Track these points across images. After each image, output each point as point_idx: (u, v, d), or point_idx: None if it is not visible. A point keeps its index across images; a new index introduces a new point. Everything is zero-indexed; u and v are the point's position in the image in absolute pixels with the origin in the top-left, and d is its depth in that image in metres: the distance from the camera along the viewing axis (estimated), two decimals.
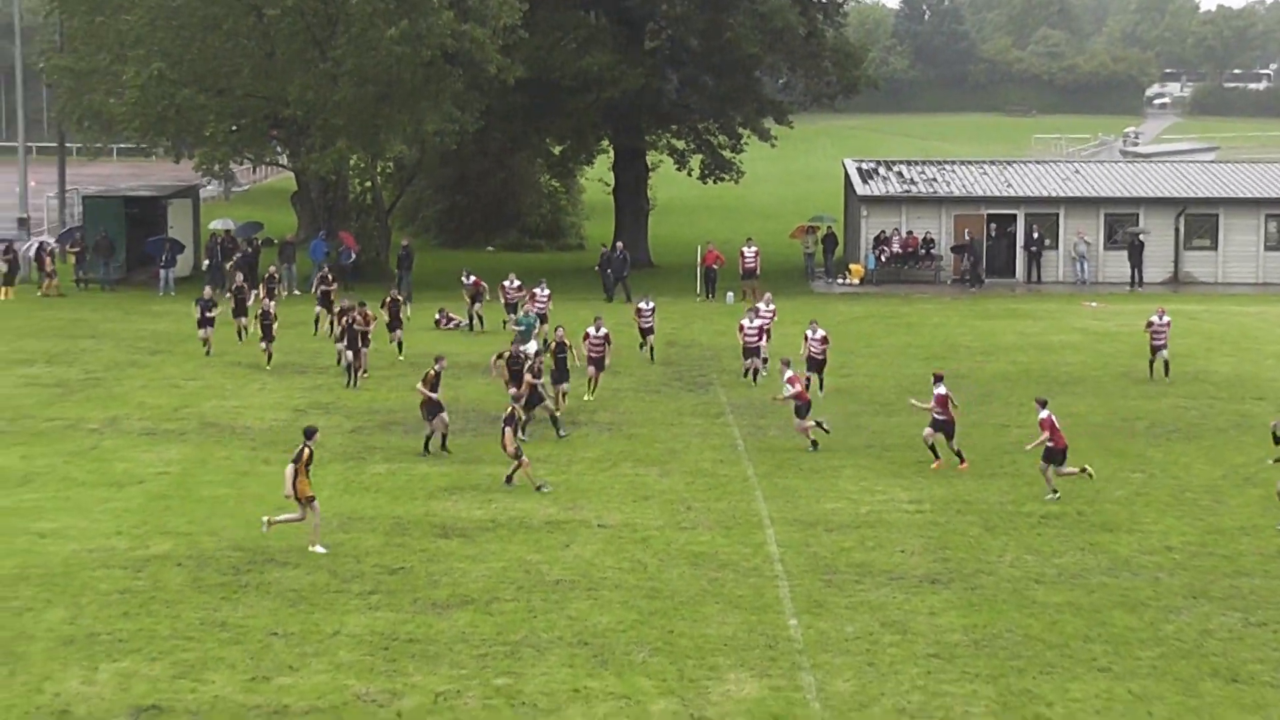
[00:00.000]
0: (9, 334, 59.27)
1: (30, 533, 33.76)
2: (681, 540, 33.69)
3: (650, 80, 79.29)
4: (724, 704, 25.00)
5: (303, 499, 32.50)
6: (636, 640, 27.70)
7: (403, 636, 27.80)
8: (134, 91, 71.52)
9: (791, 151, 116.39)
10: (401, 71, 71.07)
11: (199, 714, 24.44)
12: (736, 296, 69.99)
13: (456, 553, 32.65)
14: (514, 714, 24.58)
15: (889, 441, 42.47)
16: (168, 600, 29.56)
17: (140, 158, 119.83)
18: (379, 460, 40.41)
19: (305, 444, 32.86)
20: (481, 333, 60.29)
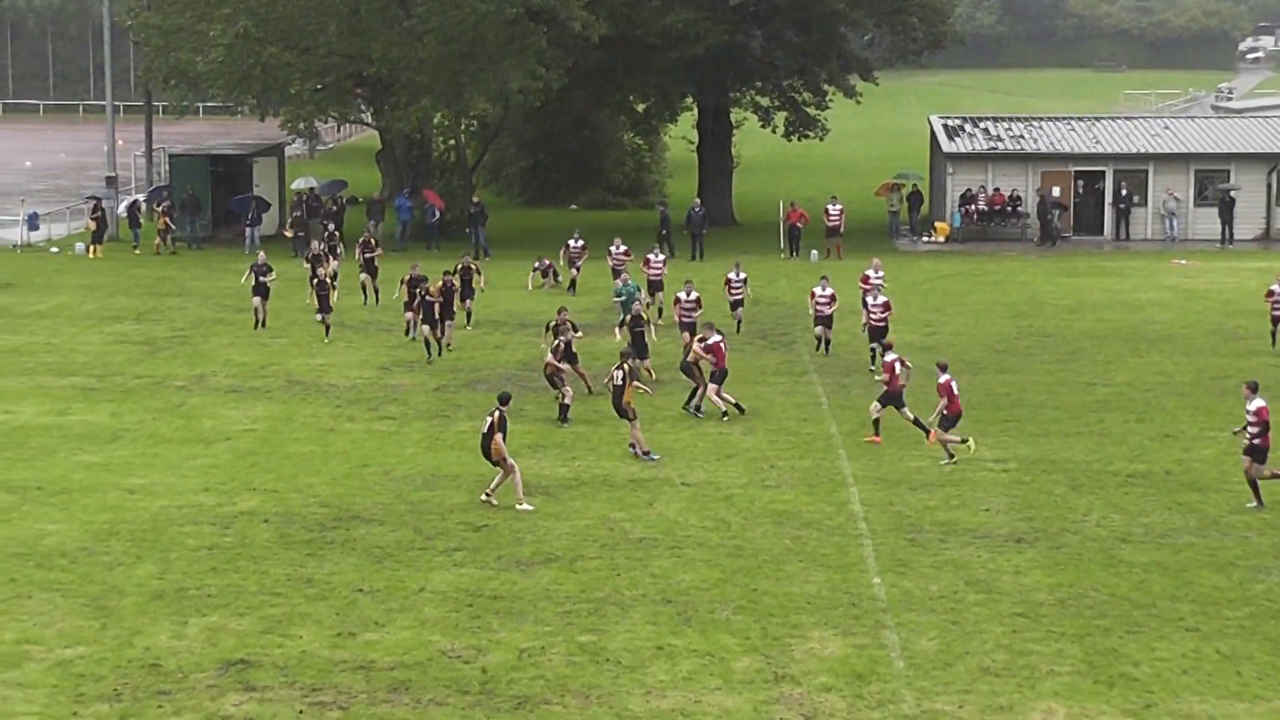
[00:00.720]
0: (98, 291, 59.78)
1: (120, 489, 34.09)
2: (765, 498, 33.67)
3: (735, 36, 78.97)
4: (807, 662, 24.99)
5: (500, 459, 32.73)
6: (720, 598, 27.73)
7: (487, 593, 27.92)
8: (220, 50, 71.83)
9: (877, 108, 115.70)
10: (486, 29, 71.05)
11: (286, 669, 24.63)
12: (820, 254, 69.75)
13: (540, 510, 32.74)
14: (597, 671, 24.65)
15: (973, 400, 42.22)
16: (255, 556, 29.80)
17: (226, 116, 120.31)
18: (463, 418, 40.53)
19: (500, 409, 33.02)
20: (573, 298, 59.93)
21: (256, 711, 23.14)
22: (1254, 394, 32.89)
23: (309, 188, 77.92)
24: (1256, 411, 32.44)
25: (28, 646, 25.38)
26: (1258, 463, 32.55)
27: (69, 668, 24.59)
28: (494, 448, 32.57)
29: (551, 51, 73.03)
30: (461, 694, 23.79)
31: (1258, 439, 32.40)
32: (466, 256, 54.57)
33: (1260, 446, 32.41)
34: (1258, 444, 32.41)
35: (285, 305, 55.58)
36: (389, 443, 38.15)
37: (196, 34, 73.95)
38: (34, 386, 43.99)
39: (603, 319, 52.81)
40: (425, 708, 23.34)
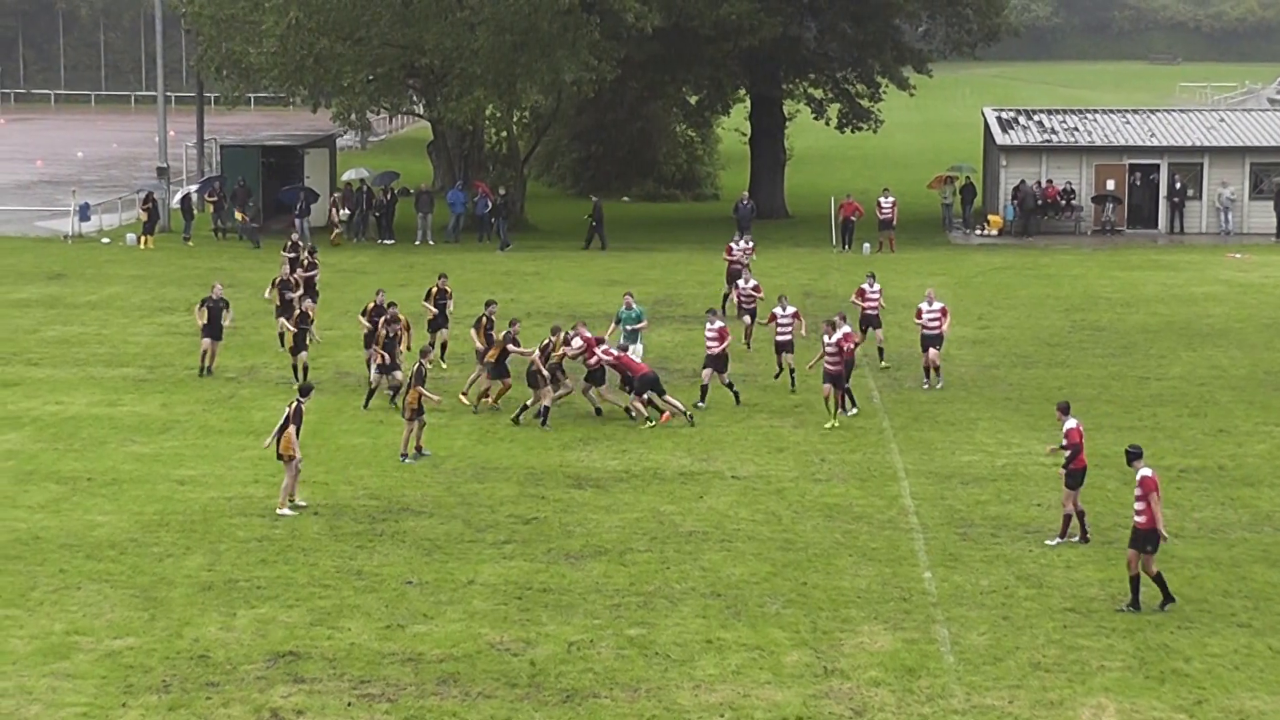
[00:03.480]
0: (150, 282, 59.95)
1: (170, 480, 34.17)
2: (816, 492, 33.56)
3: (788, 28, 78.69)
4: (857, 656, 24.89)
5: (286, 456, 31.91)
6: (770, 592, 27.64)
7: (536, 586, 27.88)
8: (272, 40, 71.96)
9: (930, 100, 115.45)
10: (539, 19, 70.98)
11: (335, 661, 24.63)
12: (873, 247, 69.50)
13: (590, 503, 32.70)
14: (647, 664, 24.59)
15: (1026, 394, 42.04)
16: (304, 548, 29.82)
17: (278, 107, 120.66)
18: (513, 410, 40.46)
19: (299, 400, 32.35)
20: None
21: (305, 703, 23.15)
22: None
23: (360, 179, 78.01)
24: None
25: (77, 637, 25.45)
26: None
27: (118, 659, 24.64)
28: (285, 440, 31.81)
29: (604, 43, 72.90)
30: (510, 687, 23.76)
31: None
32: (442, 277, 48.32)
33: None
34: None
35: (337, 297, 55.61)
36: (439, 435, 38.11)
37: (249, 24, 74.09)
38: (85, 377, 44.13)
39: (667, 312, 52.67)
40: (474, 700, 23.31)
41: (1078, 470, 30.22)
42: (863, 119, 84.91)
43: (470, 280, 60.62)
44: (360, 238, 73.23)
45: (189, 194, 75.53)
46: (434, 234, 73.12)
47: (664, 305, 55.29)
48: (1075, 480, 30.29)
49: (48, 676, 23.98)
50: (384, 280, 59.83)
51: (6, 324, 51.58)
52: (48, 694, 23.40)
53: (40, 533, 30.61)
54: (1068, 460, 30.34)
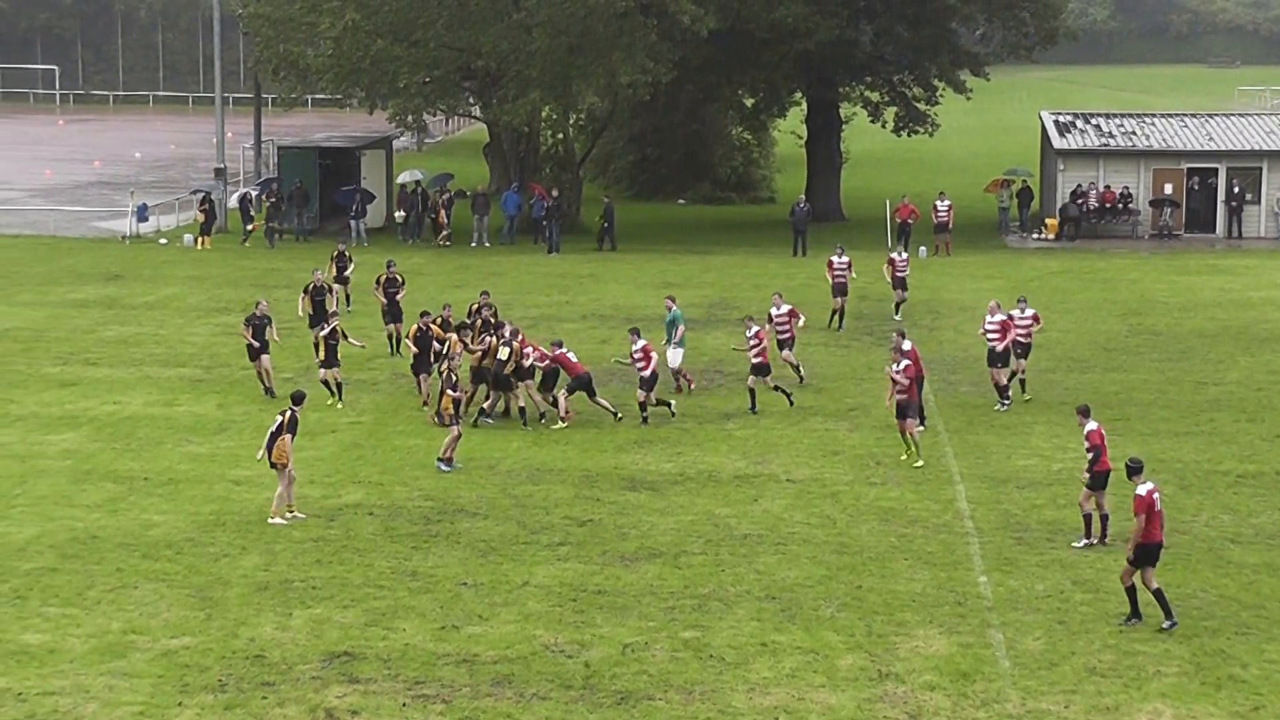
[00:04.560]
0: (206, 283, 60.20)
1: (226, 480, 34.31)
2: (871, 495, 33.48)
3: (845, 31, 78.50)
4: (912, 660, 24.83)
5: (279, 464, 31.71)
6: (824, 595, 27.60)
7: (591, 588, 27.89)
8: (330, 42, 72.14)
9: (987, 103, 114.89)
10: (595, 22, 70.99)
11: (390, 661, 24.68)
12: (929, 251, 69.28)
13: (645, 505, 32.69)
14: (701, 666, 24.57)
15: (1083, 398, 41.63)
16: (359, 549, 29.90)
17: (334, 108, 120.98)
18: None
19: (292, 408, 32.12)
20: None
21: (360, 704, 23.21)
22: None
23: (415, 181, 78.16)
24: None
25: (134, 636, 25.58)
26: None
27: (174, 658, 24.75)
28: (278, 449, 31.54)
29: (660, 45, 72.84)
30: (564, 688, 23.77)
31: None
32: (390, 264, 48.81)
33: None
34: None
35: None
36: (494, 436, 38.17)
37: (306, 25, 74.32)
38: (142, 377, 44.34)
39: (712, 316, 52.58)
40: (528, 702, 23.33)
41: (1101, 472, 30.12)
42: (919, 122, 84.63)
43: (524, 282, 60.75)
44: (415, 239, 73.36)
45: (246, 194, 75.77)
46: (490, 236, 73.20)
47: (719, 309, 55.24)
48: (1099, 482, 30.19)
49: (105, 675, 24.11)
50: (439, 282, 60.05)
51: (65, 324, 51.89)
52: (105, 692, 23.53)
53: (98, 532, 30.79)
54: (1091, 463, 30.23)
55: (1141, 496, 26.34)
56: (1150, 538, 26.22)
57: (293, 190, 74.76)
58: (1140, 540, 26.21)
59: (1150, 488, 26.48)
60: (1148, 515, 26.21)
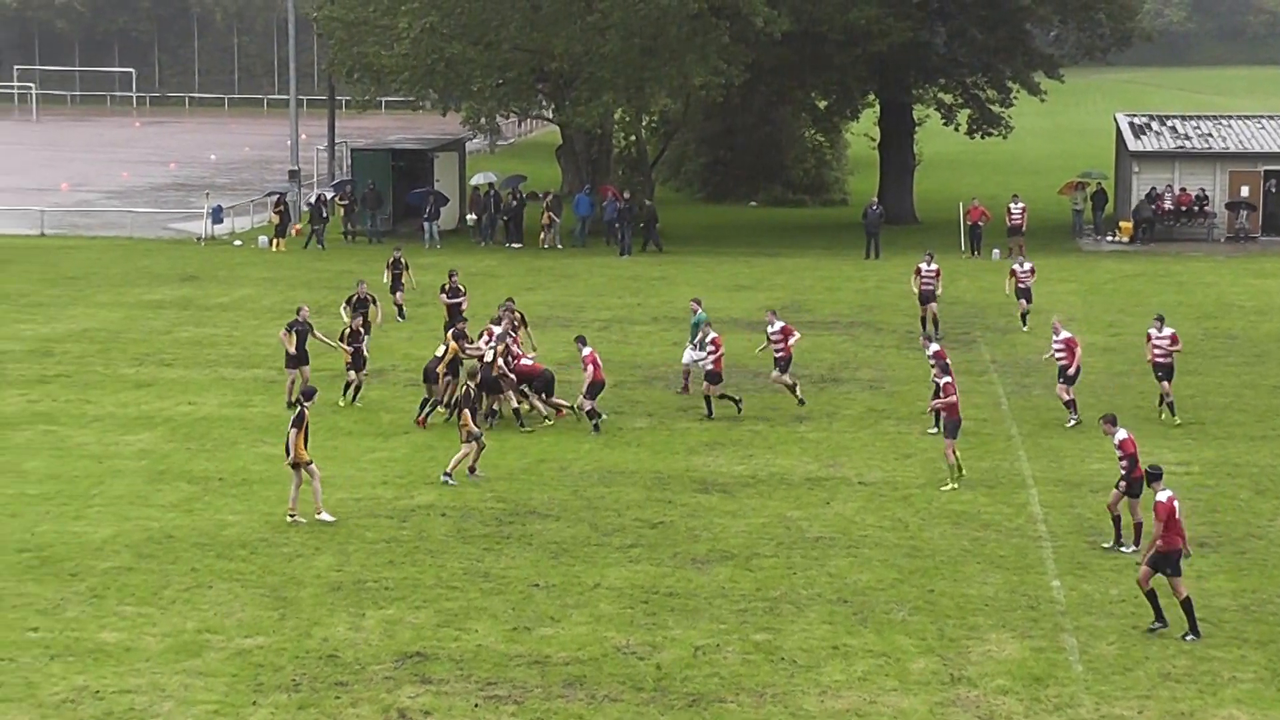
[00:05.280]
0: (280, 285, 60.50)
1: None
2: (943, 499, 33.37)
3: (918, 33, 78.30)
4: (984, 664, 24.74)
5: (300, 464, 31.83)
6: (896, 598, 27.53)
7: (663, 590, 27.90)
8: (405, 44, 72.39)
9: (1061, 105, 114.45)
10: (668, 24, 71.04)
11: (462, 662, 24.75)
12: (1002, 253, 69.00)
13: (717, 508, 32.69)
14: (773, 669, 24.55)
15: (1157, 403, 41.55)
16: (432, 550, 29.99)
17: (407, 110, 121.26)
18: (640, 414, 40.56)
19: (303, 406, 32.23)
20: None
21: (432, 704, 23.29)
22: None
23: (488, 183, 78.37)
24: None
25: (208, 635, 25.73)
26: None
27: (248, 657, 24.89)
28: (294, 449, 31.63)
29: (733, 47, 72.80)
30: (636, 690, 23.79)
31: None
32: (361, 284, 46.70)
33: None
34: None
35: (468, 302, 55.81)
36: (565, 438, 38.24)
37: (380, 28, 74.64)
38: (216, 378, 44.61)
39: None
40: (599, 704, 23.36)
41: (1137, 479, 29.81)
42: (993, 124, 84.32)
43: (596, 285, 60.85)
44: (488, 241, 73.55)
45: (321, 196, 76.16)
46: (562, 238, 73.31)
47: (790, 311, 55.09)
48: (1137, 489, 29.90)
49: (180, 674, 24.26)
50: (511, 284, 60.17)
51: (141, 325, 52.26)
52: (180, 691, 23.68)
53: (173, 532, 30.99)
54: (1127, 471, 29.96)
55: (1162, 503, 26.12)
56: (1170, 545, 26.01)
57: (366, 192, 75.07)
58: (1161, 548, 25.99)
59: (1170, 495, 26.25)
60: (1167, 522, 25.98)
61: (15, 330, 51.20)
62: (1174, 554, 26.05)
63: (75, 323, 52.57)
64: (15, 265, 65.00)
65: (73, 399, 42.13)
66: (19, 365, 46.06)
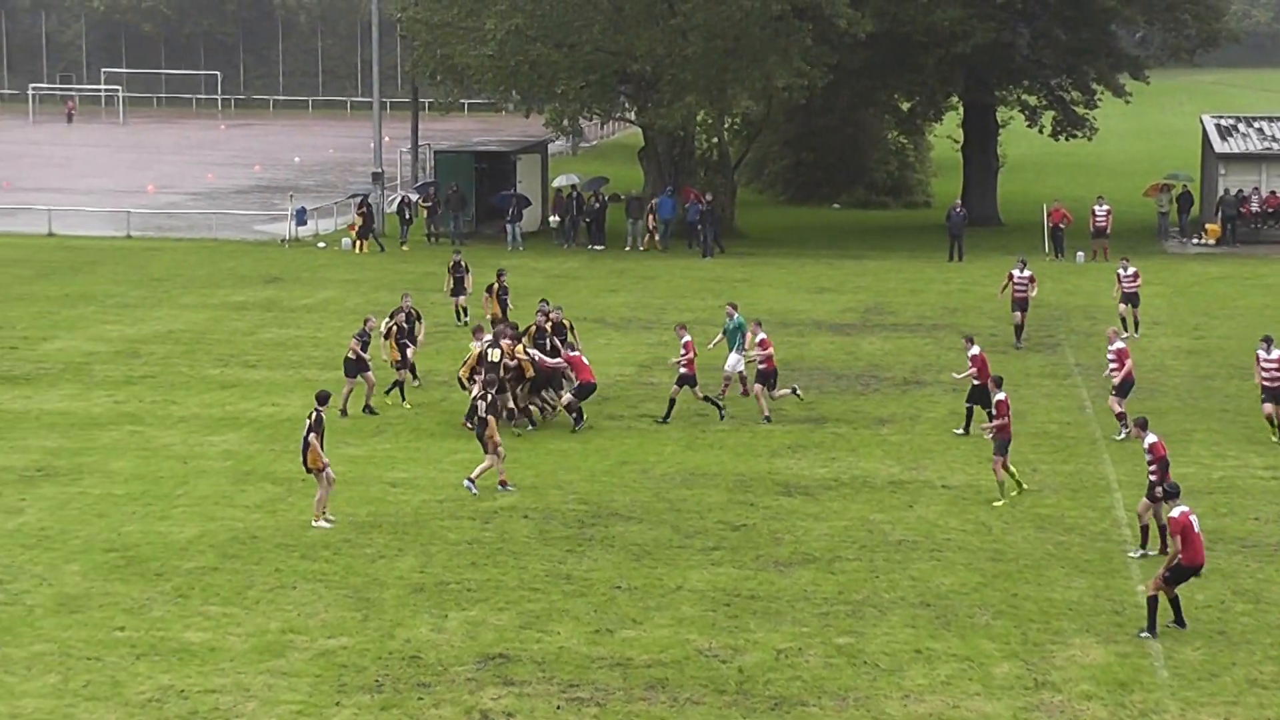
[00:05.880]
0: (363, 286, 60.74)
1: (383, 482, 34.60)
2: (1027, 503, 33.19)
3: (1002, 35, 77.89)
4: (1069, 669, 24.60)
5: (315, 469, 31.78)
6: (980, 603, 27.40)
7: (745, 593, 27.87)
8: (490, 45, 72.53)
9: (1147, 107, 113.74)
10: (751, 26, 70.95)
11: (544, 664, 24.79)
12: (1087, 256, 68.59)
13: (799, 511, 32.62)
14: (855, 673, 24.48)
15: (1244, 406, 41.21)
16: (514, 551, 30.04)
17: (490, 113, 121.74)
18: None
19: (318, 411, 32.08)
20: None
21: (515, 706, 23.33)
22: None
23: (571, 185, 78.46)
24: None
25: (292, 636, 25.86)
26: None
27: (332, 658, 25.00)
28: (311, 454, 31.55)
29: (816, 49, 72.64)
30: (718, 693, 23.76)
31: None
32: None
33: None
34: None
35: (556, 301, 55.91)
36: (648, 440, 38.26)
37: (464, 29, 74.84)
38: (300, 379, 44.83)
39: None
40: (682, 706, 23.35)
41: (1159, 483, 29.53)
42: (1077, 126, 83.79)
43: (679, 286, 60.83)
44: (570, 243, 73.65)
45: (405, 198, 76.48)
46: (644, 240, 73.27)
47: (874, 314, 55.05)
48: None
49: (264, 674, 24.40)
50: (593, 286, 60.31)
51: (225, 326, 52.60)
52: (264, 691, 23.81)
53: (257, 532, 31.17)
54: (1158, 477, 29.54)
55: (1175, 519, 25.88)
56: (1192, 560, 25.79)
57: (449, 194, 75.29)
58: (1182, 563, 25.78)
59: (1185, 510, 25.96)
60: (1184, 536, 25.73)
61: (102, 331, 51.63)
62: (1197, 569, 25.86)
63: (161, 324, 52.96)
64: (103, 267, 65.54)
65: (158, 400, 42.45)
66: (106, 366, 46.44)
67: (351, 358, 41.16)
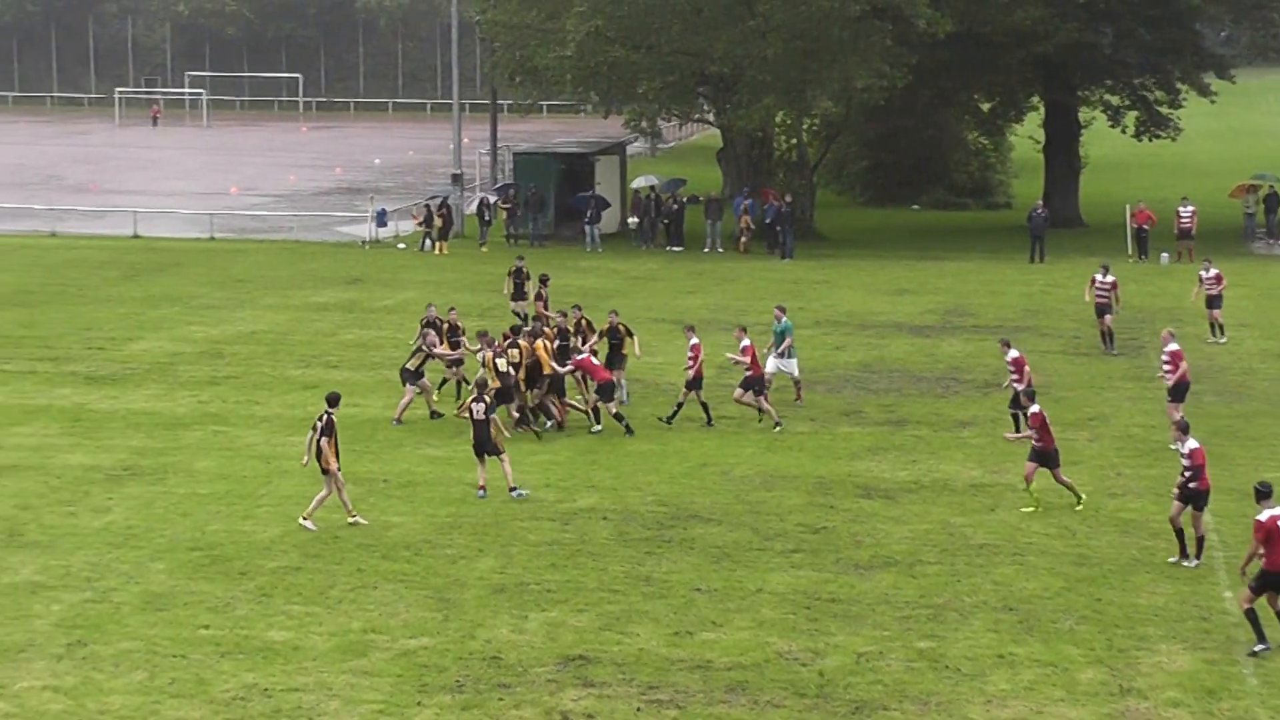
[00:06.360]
0: (443, 288, 60.79)
1: (463, 483, 34.62)
2: (1110, 507, 32.93)
3: (1084, 34, 77.40)
4: (1154, 676, 24.37)
5: (326, 471, 31.67)
6: (1063, 608, 27.19)
7: (825, 596, 27.75)
8: (570, 47, 72.61)
9: (1233, 107, 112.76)
10: (830, 26, 70.78)
11: (624, 666, 24.75)
12: (1171, 257, 68.07)
13: (879, 513, 32.47)
14: (937, 677, 24.33)
15: None
16: (594, 553, 30.02)
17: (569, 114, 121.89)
18: (802, 419, 40.38)
19: (328, 413, 31.91)
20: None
21: (595, 707, 23.30)
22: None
23: (649, 186, 78.45)
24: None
25: (374, 635, 25.92)
26: None
27: (413, 658, 25.04)
28: (323, 456, 31.46)
29: (896, 49, 72.40)
30: (798, 696, 23.67)
31: None
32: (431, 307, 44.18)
33: None
34: None
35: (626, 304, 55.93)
36: (727, 442, 38.17)
37: (543, 31, 74.96)
38: (381, 380, 44.93)
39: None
40: (762, 709, 23.27)
41: (1202, 491, 29.21)
42: (1161, 126, 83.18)
43: (757, 288, 60.68)
44: (649, 245, 73.63)
45: (485, 199, 76.64)
46: (723, 241, 73.22)
47: (954, 315, 54.79)
48: (1200, 501, 29.27)
49: (346, 673, 24.46)
50: (672, 287, 60.25)
51: (307, 327, 52.84)
52: (346, 690, 23.87)
53: (339, 532, 31.25)
54: (1190, 480, 29.22)
55: (1262, 521, 25.37)
56: (1273, 565, 25.29)
57: (529, 196, 75.39)
58: (1265, 568, 25.35)
59: (1275, 514, 25.33)
60: (1269, 540, 25.23)
61: (187, 332, 51.95)
62: (1276, 575, 25.31)
63: (244, 325, 53.26)
64: (187, 269, 65.97)
65: (241, 400, 42.67)
66: (190, 367, 46.72)
67: (410, 368, 40.94)
